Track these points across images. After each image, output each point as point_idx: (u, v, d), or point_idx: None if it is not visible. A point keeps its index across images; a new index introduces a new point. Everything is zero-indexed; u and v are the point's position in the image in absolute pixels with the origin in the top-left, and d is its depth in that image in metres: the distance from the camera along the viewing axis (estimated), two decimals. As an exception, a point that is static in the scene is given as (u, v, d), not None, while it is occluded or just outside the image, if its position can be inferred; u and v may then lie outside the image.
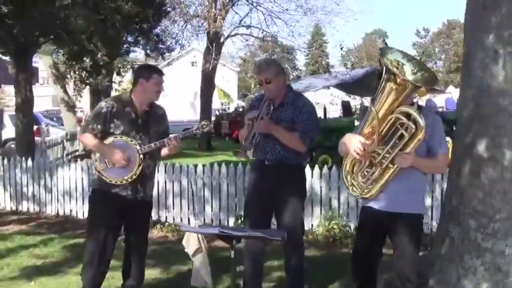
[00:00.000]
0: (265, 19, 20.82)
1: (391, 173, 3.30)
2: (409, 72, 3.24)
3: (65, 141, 15.78)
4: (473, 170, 3.72)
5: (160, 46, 17.13)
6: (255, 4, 20.59)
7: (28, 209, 8.59)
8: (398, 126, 3.21)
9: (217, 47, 19.08)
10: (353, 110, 20.69)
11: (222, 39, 19.76)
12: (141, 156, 4.11)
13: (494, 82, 3.64)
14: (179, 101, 39.69)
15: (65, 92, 18.20)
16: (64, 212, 8.33)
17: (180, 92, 38.86)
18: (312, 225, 6.96)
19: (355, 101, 24.43)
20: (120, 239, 4.34)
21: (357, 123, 15.31)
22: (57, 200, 8.46)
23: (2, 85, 15.71)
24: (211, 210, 7.57)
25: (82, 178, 8.26)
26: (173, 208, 7.78)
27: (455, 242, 3.79)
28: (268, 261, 4.82)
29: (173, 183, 7.78)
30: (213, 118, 29.88)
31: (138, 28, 12.40)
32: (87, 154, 16.92)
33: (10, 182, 8.74)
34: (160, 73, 4.26)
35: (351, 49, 58.91)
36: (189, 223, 7.56)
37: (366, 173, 3.40)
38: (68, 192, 8.36)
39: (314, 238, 6.57)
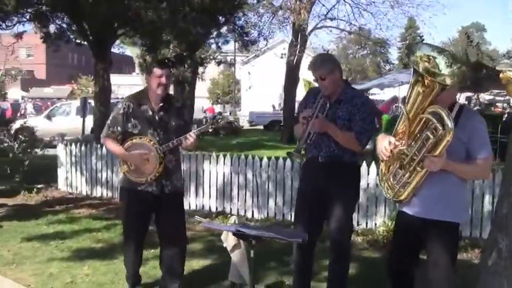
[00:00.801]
0: (352, 11, 20.25)
1: (421, 177, 3.08)
2: (443, 64, 2.95)
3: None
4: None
5: (245, 38, 17.12)
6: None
7: (102, 194, 8.84)
8: (428, 127, 2.96)
9: (302, 39, 18.76)
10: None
11: (307, 32, 19.40)
12: (161, 155, 4.09)
13: None
14: (268, 93, 39.78)
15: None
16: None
17: (268, 84, 38.91)
18: (376, 225, 6.62)
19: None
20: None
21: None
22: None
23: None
24: (275, 204, 7.42)
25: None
26: (238, 200, 7.69)
27: (503, 254, 3.32)
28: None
29: (238, 175, 7.67)
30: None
31: (211, 21, 12.34)
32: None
33: (86, 167, 9.05)
34: (161, 65, 4.15)
35: (445, 43, 56.36)
36: (252, 216, 7.47)
37: (397, 175, 3.18)
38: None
39: (374, 238, 6.18)
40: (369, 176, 6.78)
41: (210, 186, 7.91)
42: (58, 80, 53.37)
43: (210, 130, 4.43)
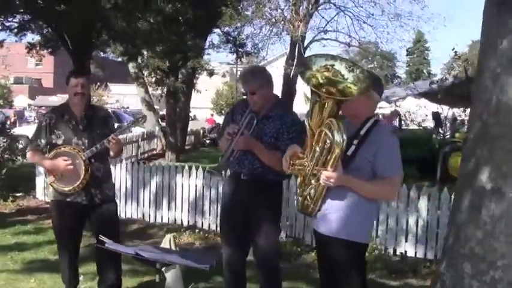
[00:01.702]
0: (352, 23, 20.12)
1: (321, 191, 3.02)
2: (344, 70, 2.87)
3: (140, 140, 16.15)
4: (474, 204, 3.05)
5: (239, 50, 17.11)
6: (342, 8, 19.92)
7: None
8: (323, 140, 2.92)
9: (299, 52, 18.67)
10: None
11: (304, 44, 19.29)
12: (86, 161, 4.06)
13: (504, 97, 2.96)
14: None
15: (146, 92, 18.66)
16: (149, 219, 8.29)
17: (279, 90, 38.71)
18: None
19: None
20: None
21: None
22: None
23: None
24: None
25: (126, 178, 8.26)
26: (209, 214, 7.56)
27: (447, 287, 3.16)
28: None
29: (210, 188, 7.56)
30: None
31: (194, 31, 12.31)
32: (162, 154, 17.40)
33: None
34: (76, 75, 4.21)
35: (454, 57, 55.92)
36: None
37: (301, 187, 3.15)
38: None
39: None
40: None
41: (182, 200, 7.81)
42: (65, 88, 53.30)
43: (130, 131, 4.40)
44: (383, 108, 31.06)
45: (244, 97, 4.06)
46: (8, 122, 23.17)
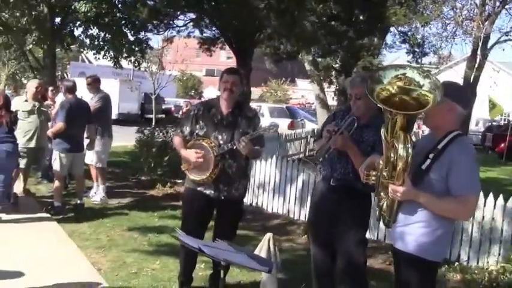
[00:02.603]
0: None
1: (391, 204, 2.93)
2: (418, 76, 2.71)
3: (309, 136, 16.30)
4: None
5: (415, 50, 16.41)
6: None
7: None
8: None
9: (482, 53, 17.29)
10: None
11: (488, 46, 17.78)
12: (218, 157, 4.16)
13: None
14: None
15: (321, 89, 18.82)
16: (257, 203, 8.65)
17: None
18: (488, 262, 5.95)
19: None
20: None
21: None
22: (253, 190, 8.86)
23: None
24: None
25: (275, 173, 8.46)
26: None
27: None
28: None
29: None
30: (481, 129, 27.44)
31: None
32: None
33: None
34: (228, 72, 4.31)
35: None
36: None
37: (379, 199, 3.07)
38: (262, 184, 8.68)
39: (471, 278, 5.50)
40: (485, 207, 6.05)
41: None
42: (253, 82, 56.27)
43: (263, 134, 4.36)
44: None
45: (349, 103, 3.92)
46: (180, 112, 24.86)
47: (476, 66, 17.35)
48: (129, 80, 28.56)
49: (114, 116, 26.56)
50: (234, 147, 4.15)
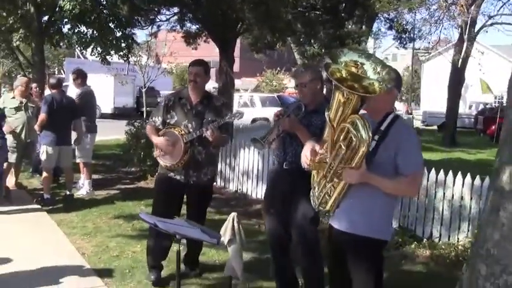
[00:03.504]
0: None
1: (342, 188, 2.98)
2: (371, 71, 2.82)
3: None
4: (494, 204, 2.91)
5: (402, 36, 16.67)
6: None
7: (216, 183, 9.47)
8: (347, 136, 2.81)
9: (469, 37, 17.50)
10: None
11: (475, 30, 18.00)
12: (187, 144, 4.46)
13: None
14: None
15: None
16: (242, 190, 8.96)
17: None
18: (458, 240, 6.22)
19: None
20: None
21: None
22: (238, 178, 9.17)
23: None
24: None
25: (258, 160, 8.74)
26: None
27: (464, 286, 3.04)
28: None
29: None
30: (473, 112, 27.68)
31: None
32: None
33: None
34: (192, 64, 4.61)
35: None
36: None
37: (320, 184, 3.09)
38: (246, 172, 8.97)
39: (438, 253, 5.82)
40: (454, 186, 6.34)
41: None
42: (250, 72, 56.56)
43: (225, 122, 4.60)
44: None
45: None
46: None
47: (464, 50, 17.59)
48: (124, 75, 28.79)
49: (109, 111, 27.20)
50: (203, 134, 4.42)
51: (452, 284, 3.58)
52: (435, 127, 27.40)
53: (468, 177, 6.28)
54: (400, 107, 41.80)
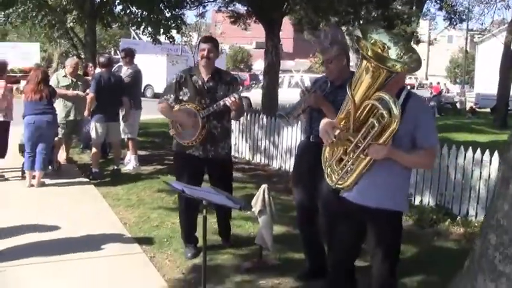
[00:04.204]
0: None
1: (366, 164, 2.98)
2: (394, 56, 2.85)
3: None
4: (504, 176, 2.91)
5: (452, 16, 16.26)
6: None
7: (260, 160, 9.65)
8: (374, 113, 2.85)
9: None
10: None
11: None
12: (204, 119, 4.53)
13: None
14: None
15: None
16: (285, 167, 9.06)
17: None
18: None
19: None
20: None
21: None
22: (281, 155, 9.28)
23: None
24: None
25: (301, 138, 8.80)
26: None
27: (475, 257, 3.05)
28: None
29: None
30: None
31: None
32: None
33: (250, 135, 9.95)
34: (204, 40, 4.70)
35: None
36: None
37: (341, 161, 3.11)
38: (289, 149, 9.06)
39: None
40: (490, 165, 6.22)
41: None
42: (304, 53, 56.20)
43: (246, 93, 4.72)
44: None
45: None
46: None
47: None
48: (177, 55, 29.29)
49: (162, 90, 27.70)
50: (221, 105, 4.48)
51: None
52: (488, 110, 26.54)
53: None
54: (454, 89, 40.77)
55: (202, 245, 3.49)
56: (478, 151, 6.31)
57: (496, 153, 6.16)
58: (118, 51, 35.88)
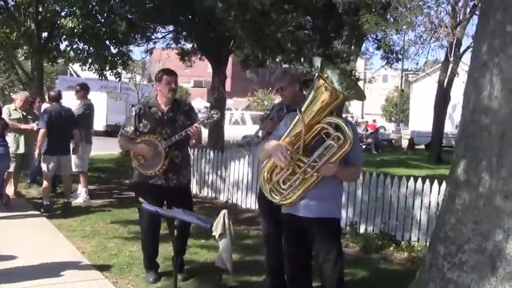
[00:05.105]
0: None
1: (314, 181, 3.39)
2: (335, 80, 3.24)
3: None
4: (451, 193, 3.38)
5: (389, 56, 17.25)
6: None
7: (208, 194, 9.90)
8: (324, 136, 3.30)
9: (455, 58, 18.16)
10: None
11: (461, 51, 18.68)
12: (166, 149, 4.76)
13: (479, 97, 3.24)
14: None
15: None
16: (232, 200, 9.35)
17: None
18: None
19: None
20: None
21: None
22: (228, 189, 9.57)
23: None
24: (346, 215, 7.61)
25: (248, 172, 9.13)
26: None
27: (426, 267, 3.48)
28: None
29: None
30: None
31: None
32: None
33: (197, 169, 10.19)
34: (169, 73, 4.88)
35: None
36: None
37: (287, 180, 3.45)
38: (236, 183, 9.36)
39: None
40: (431, 194, 6.77)
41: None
42: (241, 92, 57.29)
43: (209, 121, 5.05)
44: None
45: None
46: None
47: (449, 70, 18.23)
48: (116, 93, 29.24)
49: (102, 128, 27.52)
50: (183, 136, 4.72)
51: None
52: (423, 146, 27.95)
53: (444, 184, 6.71)
54: (389, 127, 42.62)
55: (172, 265, 3.73)
56: (419, 181, 6.84)
57: (435, 183, 6.69)
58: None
